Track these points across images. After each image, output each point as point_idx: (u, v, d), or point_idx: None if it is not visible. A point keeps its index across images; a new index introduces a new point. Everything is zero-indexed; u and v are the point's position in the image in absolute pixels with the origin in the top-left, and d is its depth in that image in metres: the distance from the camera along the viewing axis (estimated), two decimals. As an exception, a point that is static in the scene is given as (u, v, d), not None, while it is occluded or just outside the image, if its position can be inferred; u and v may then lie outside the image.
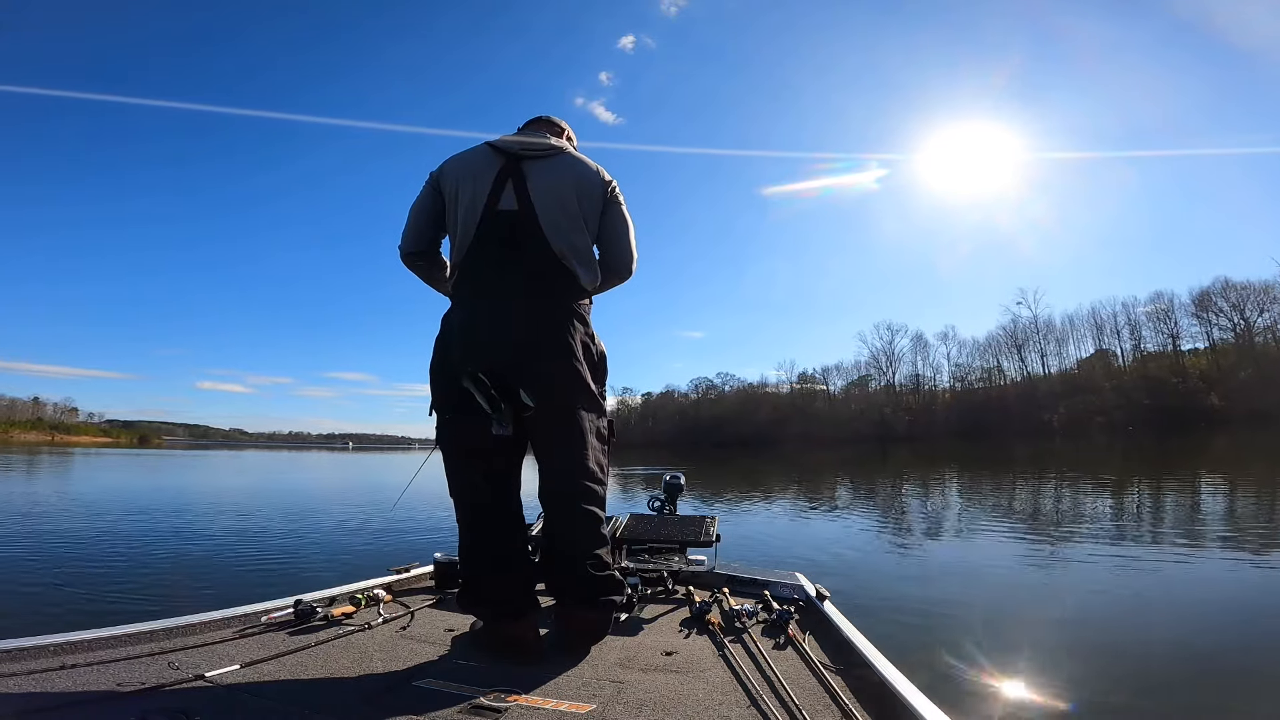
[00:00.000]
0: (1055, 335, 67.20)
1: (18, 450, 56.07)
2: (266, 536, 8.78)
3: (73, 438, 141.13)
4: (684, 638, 2.06)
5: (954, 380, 73.30)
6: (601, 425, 2.03)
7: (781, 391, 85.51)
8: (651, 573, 2.63)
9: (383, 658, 1.79)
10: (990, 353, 70.69)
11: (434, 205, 2.07)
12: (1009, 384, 68.30)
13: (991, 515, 11.35)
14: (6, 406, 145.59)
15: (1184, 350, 60.48)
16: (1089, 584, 5.86)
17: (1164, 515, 10.64)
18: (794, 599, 2.42)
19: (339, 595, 2.29)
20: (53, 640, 1.62)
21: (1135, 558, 6.85)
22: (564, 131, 2.23)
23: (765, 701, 1.47)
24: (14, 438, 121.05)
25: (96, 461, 35.13)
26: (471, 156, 2.03)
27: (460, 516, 1.97)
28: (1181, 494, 13.55)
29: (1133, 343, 63.40)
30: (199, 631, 1.89)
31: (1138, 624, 4.61)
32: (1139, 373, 60.26)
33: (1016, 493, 15.48)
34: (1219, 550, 7.09)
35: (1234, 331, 57.60)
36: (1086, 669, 3.55)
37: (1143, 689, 3.38)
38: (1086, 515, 10.64)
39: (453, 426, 1.93)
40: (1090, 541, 7.88)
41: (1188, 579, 5.91)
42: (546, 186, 1.96)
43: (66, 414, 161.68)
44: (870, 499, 15.27)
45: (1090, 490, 15.09)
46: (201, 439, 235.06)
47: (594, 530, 1.95)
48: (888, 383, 76.39)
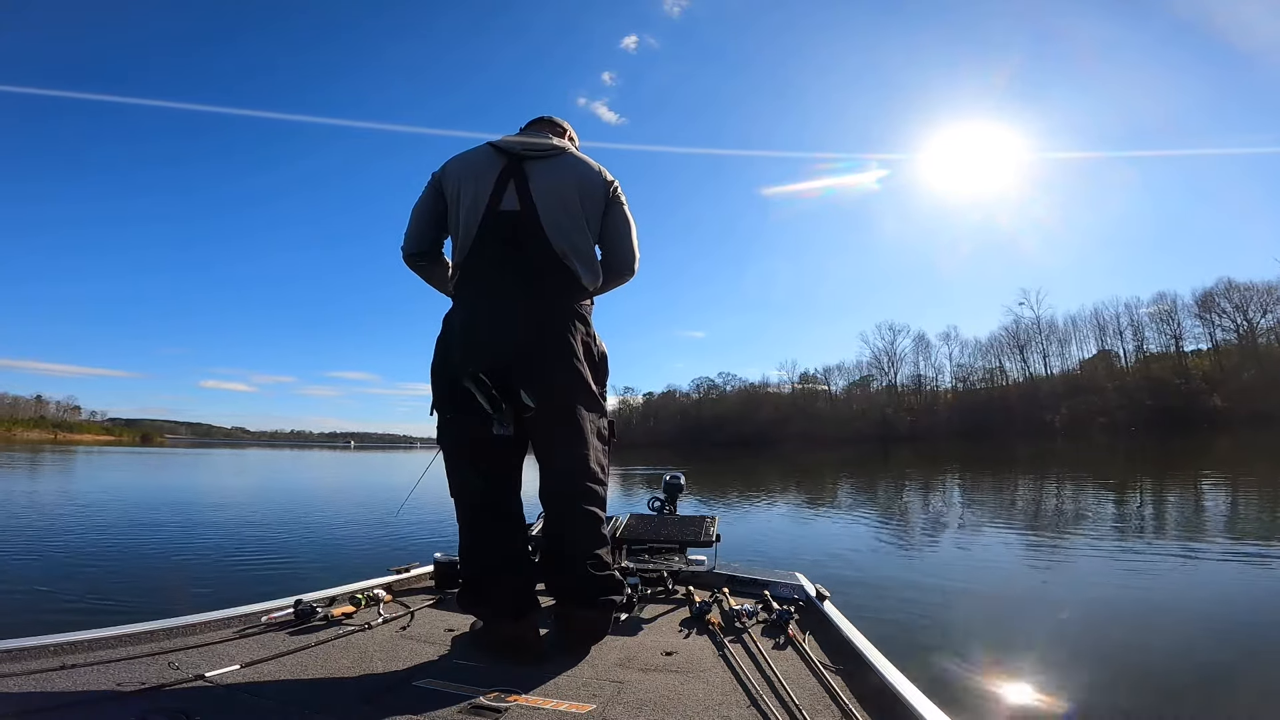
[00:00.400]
0: (1058, 336, 67.17)
1: (21, 449, 56.17)
2: (266, 536, 8.78)
3: (75, 436, 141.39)
4: (684, 638, 2.06)
5: (956, 381, 73.31)
6: (602, 425, 2.03)
7: (783, 391, 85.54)
8: (651, 573, 2.63)
9: (383, 658, 1.79)
10: (992, 353, 70.65)
11: (436, 206, 2.07)
12: (1011, 384, 68.20)
13: (992, 516, 11.34)
14: (9, 405, 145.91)
15: (1187, 351, 60.47)
16: (1089, 585, 5.85)
17: (1165, 516, 10.63)
18: (794, 599, 2.42)
19: (339, 595, 2.29)
20: (53, 640, 1.62)
21: (1136, 558, 6.84)
22: (566, 132, 2.24)
23: (765, 701, 1.47)
24: (17, 436, 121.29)
25: (97, 460, 35.09)
26: (473, 157, 2.04)
27: (460, 516, 1.97)
28: (1184, 495, 13.52)
29: (1135, 343, 63.39)
30: (199, 631, 1.88)
31: (1138, 625, 4.60)
32: (1142, 373, 60.09)
33: (1017, 493, 15.46)
34: (1220, 551, 7.07)
35: (1237, 332, 57.51)
36: (1086, 669, 3.54)
37: (1143, 689, 3.38)
38: (1087, 516, 10.61)
39: (454, 426, 1.94)
40: (1091, 542, 7.87)
41: (1188, 580, 5.91)
42: (548, 187, 1.96)
43: (69, 412, 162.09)
44: (871, 499, 15.25)
45: (1091, 491, 15.06)
46: (204, 438, 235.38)
47: (594, 530, 1.95)
48: (889, 383, 76.35)
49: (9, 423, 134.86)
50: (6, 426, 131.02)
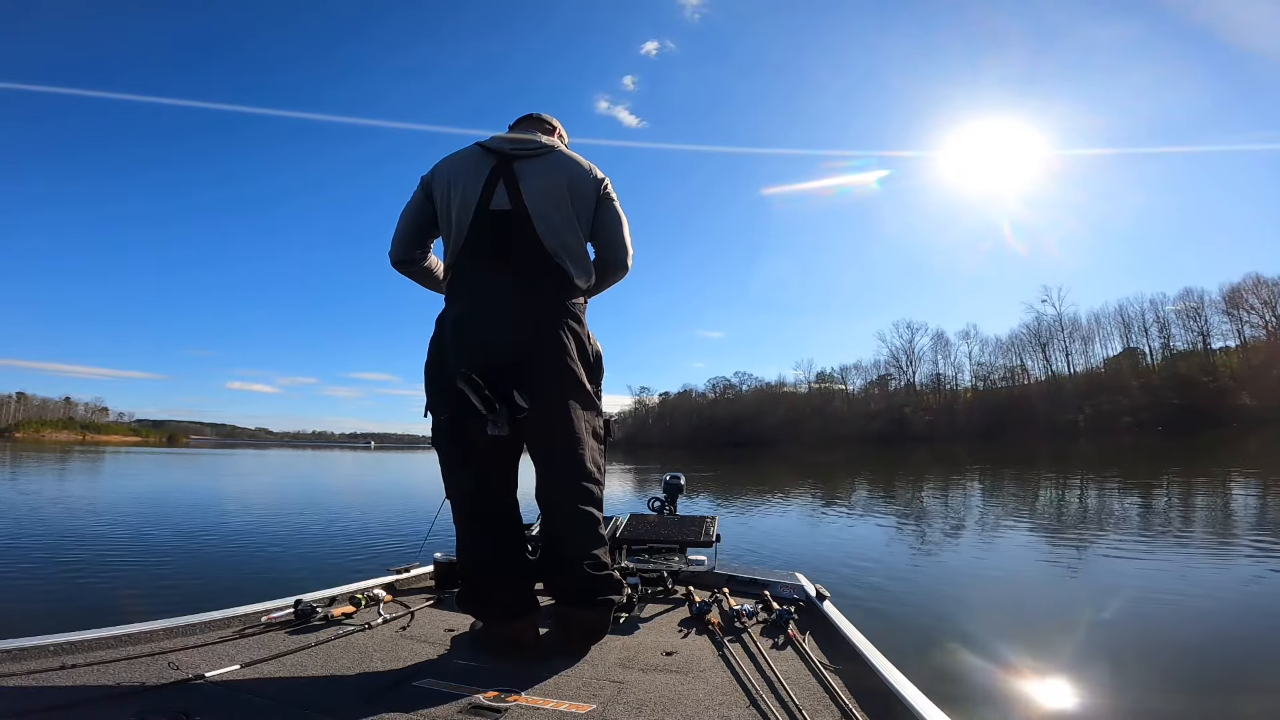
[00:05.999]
0: (1081, 333, 66.06)
1: (50, 449, 57.39)
2: (266, 536, 8.86)
3: (103, 437, 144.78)
4: (684, 638, 2.05)
5: (976, 379, 72.33)
6: (598, 424, 2.02)
7: (800, 391, 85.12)
8: (651, 573, 2.62)
9: (383, 658, 1.80)
10: (1013, 351, 69.70)
11: (424, 209, 2.08)
12: (1033, 383, 67.16)
13: (1003, 516, 11.18)
14: (38, 406, 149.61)
15: (1214, 348, 59.12)
16: (1094, 584, 5.79)
17: (1186, 516, 10.33)
18: (794, 599, 2.41)
19: (339, 595, 2.30)
20: (53, 640, 1.63)
21: (1142, 559, 6.71)
22: (555, 129, 2.23)
23: (765, 701, 1.47)
24: (46, 437, 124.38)
25: (115, 462, 35.25)
26: (462, 157, 2.04)
27: (458, 518, 1.97)
28: (1212, 495, 13.21)
29: (1161, 341, 62.14)
30: (199, 631, 1.90)
31: (1143, 626, 4.52)
32: (1168, 371, 58.89)
33: (1032, 493, 15.22)
34: (1238, 553, 6.90)
35: (1266, 329, 56.17)
36: (1088, 669, 3.50)
37: (1145, 690, 3.33)
38: (1101, 517, 10.45)
39: (448, 427, 1.93)
40: (1106, 543, 7.75)
41: (1197, 580, 5.76)
42: (538, 185, 1.96)
43: (97, 414, 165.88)
44: (882, 499, 15.09)
45: (1112, 491, 14.79)
46: (228, 438, 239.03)
47: (592, 530, 1.94)
48: (908, 382, 75.56)
49: (38, 424, 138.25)
50: (35, 427, 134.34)
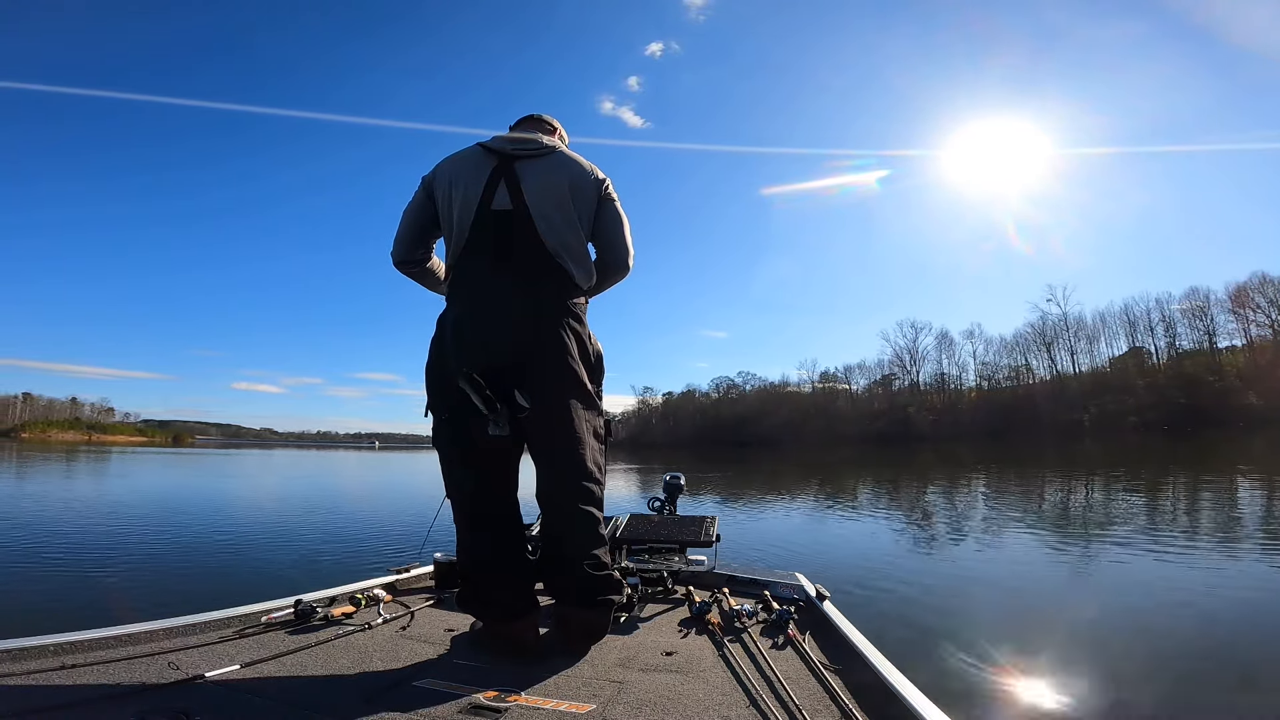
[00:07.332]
0: (1086, 333, 65.81)
1: (56, 449, 57.63)
2: (267, 536, 8.89)
3: (109, 437, 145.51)
4: (684, 638, 2.05)
5: (980, 379, 72.18)
6: (598, 424, 2.02)
7: (803, 391, 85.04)
8: (651, 573, 2.62)
9: (383, 658, 1.80)
10: (1018, 351, 69.50)
11: (426, 210, 2.08)
12: (1038, 382, 66.93)
13: (1006, 516, 11.13)
14: (45, 406, 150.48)
15: (1220, 348, 58.75)
16: (1096, 585, 5.78)
17: (1192, 517, 10.29)
18: (794, 599, 2.41)
19: (339, 595, 2.30)
20: (53, 640, 1.64)
21: (1146, 560, 6.67)
22: (555, 130, 2.23)
23: (765, 701, 1.47)
24: (52, 437, 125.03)
25: (121, 461, 35.38)
26: (464, 157, 2.04)
27: (458, 517, 1.97)
28: (1217, 495, 13.12)
29: (1167, 340, 61.79)
30: (199, 631, 1.90)
31: (1145, 626, 4.50)
32: (1174, 371, 58.58)
33: (1036, 494, 15.14)
34: (1243, 554, 6.88)
35: (1272, 328, 55.75)
36: (1088, 669, 3.48)
37: (1146, 690, 3.32)
38: (1105, 517, 10.38)
39: (449, 427, 1.93)
40: (1101, 543, 7.74)
41: (1202, 581, 5.74)
42: (539, 185, 1.96)
43: (103, 414, 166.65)
44: (886, 499, 15.07)
45: (1117, 491, 14.71)
46: (234, 439, 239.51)
47: (592, 530, 1.93)
48: (912, 381, 75.37)
49: (45, 424, 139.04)
50: (42, 428, 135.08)
